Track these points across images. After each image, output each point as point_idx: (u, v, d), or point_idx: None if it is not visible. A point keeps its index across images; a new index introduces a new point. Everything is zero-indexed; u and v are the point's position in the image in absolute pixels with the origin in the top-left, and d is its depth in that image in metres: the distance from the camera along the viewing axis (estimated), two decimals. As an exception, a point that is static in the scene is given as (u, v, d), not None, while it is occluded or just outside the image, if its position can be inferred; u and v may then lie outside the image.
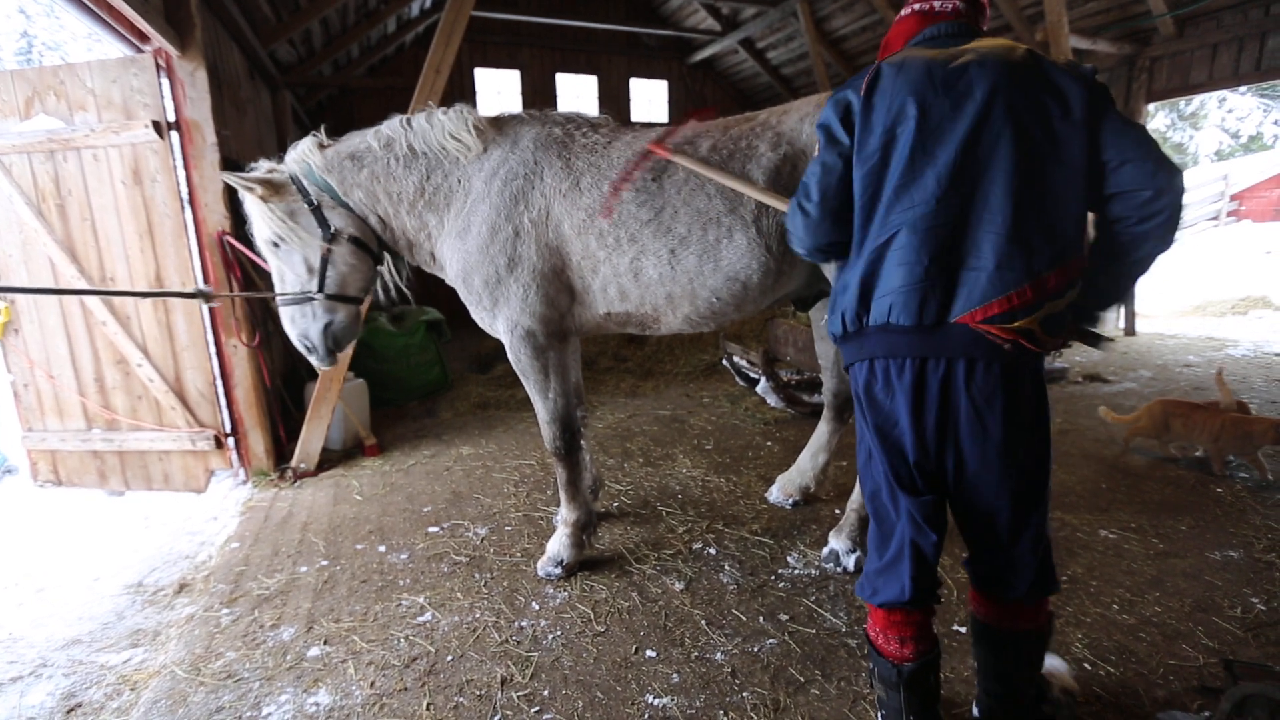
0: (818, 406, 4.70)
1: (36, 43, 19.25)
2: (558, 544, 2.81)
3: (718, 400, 5.28)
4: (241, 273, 3.76)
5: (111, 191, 3.60)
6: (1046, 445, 1.56)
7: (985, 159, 1.43)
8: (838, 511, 3.27)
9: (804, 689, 2.12)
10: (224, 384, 3.86)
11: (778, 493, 3.42)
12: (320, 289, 2.60)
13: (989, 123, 1.43)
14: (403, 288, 2.93)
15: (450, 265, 2.63)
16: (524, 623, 2.49)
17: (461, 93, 9.24)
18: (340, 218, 2.63)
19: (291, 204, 2.58)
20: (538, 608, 2.59)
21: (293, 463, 3.97)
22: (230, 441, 3.93)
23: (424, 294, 7.46)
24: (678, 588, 2.69)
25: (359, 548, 3.11)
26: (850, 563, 2.75)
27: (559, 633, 2.43)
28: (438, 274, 2.81)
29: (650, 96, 10.83)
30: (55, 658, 2.55)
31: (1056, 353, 1.52)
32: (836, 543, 2.81)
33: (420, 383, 5.56)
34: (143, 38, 3.41)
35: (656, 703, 2.08)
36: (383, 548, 3.10)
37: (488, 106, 9.36)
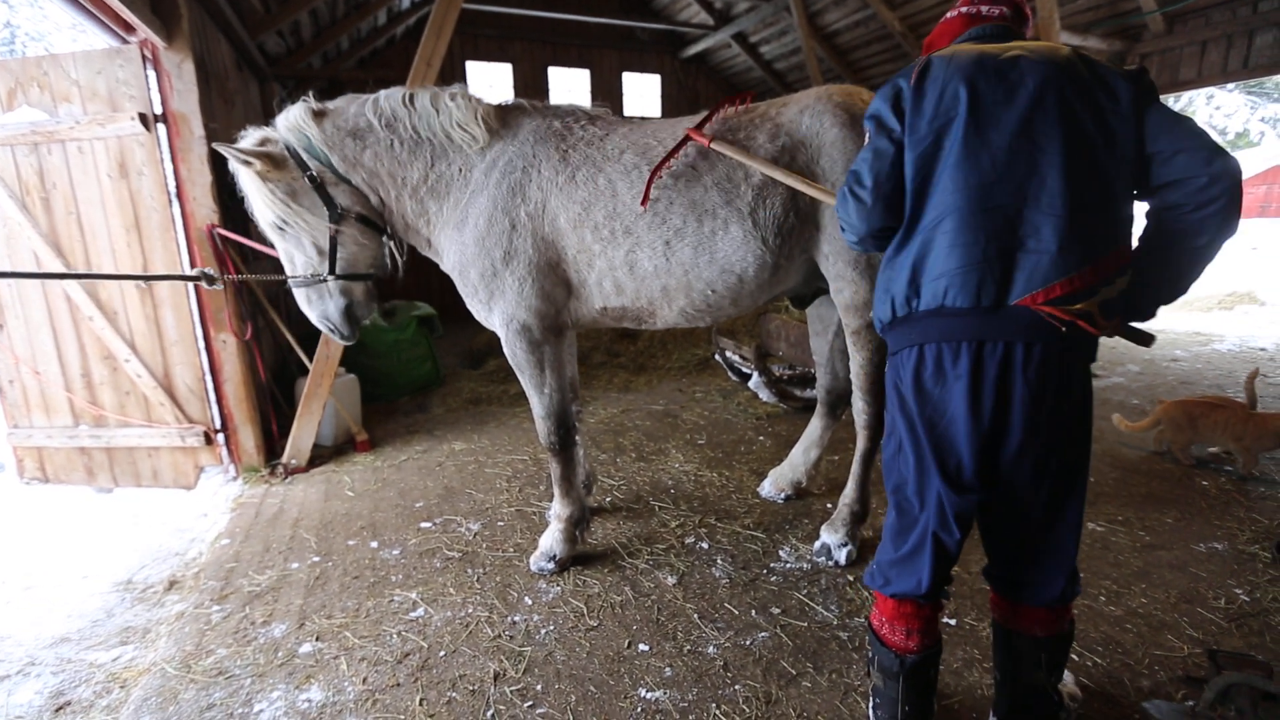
0: (810, 401, 4.72)
1: (20, 33, 18.94)
2: (550, 539, 2.81)
3: (710, 395, 5.29)
4: (233, 266, 3.72)
5: (97, 185, 3.55)
6: (1089, 436, 1.57)
7: (1040, 144, 1.44)
8: (829, 506, 3.29)
9: (796, 681, 2.14)
10: (213, 379, 3.83)
11: (770, 487, 3.43)
12: (332, 271, 2.55)
13: (1042, 109, 1.44)
14: (399, 260, 2.80)
15: (447, 256, 2.61)
16: (517, 618, 2.50)
17: (453, 86, 9.14)
18: (345, 195, 2.54)
19: (292, 182, 2.48)
20: (530, 603, 2.59)
21: (284, 459, 3.94)
22: (220, 437, 3.90)
23: (417, 289, 7.47)
24: (670, 582, 2.70)
25: (351, 543, 3.10)
26: (842, 556, 2.76)
27: (552, 627, 2.44)
28: (433, 258, 2.76)
29: (643, 91, 10.79)
30: (43, 656, 2.53)
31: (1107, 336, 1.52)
32: (828, 537, 2.83)
33: (412, 378, 5.53)
34: (128, 28, 3.36)
35: (649, 696, 2.09)
36: (375, 543, 3.09)
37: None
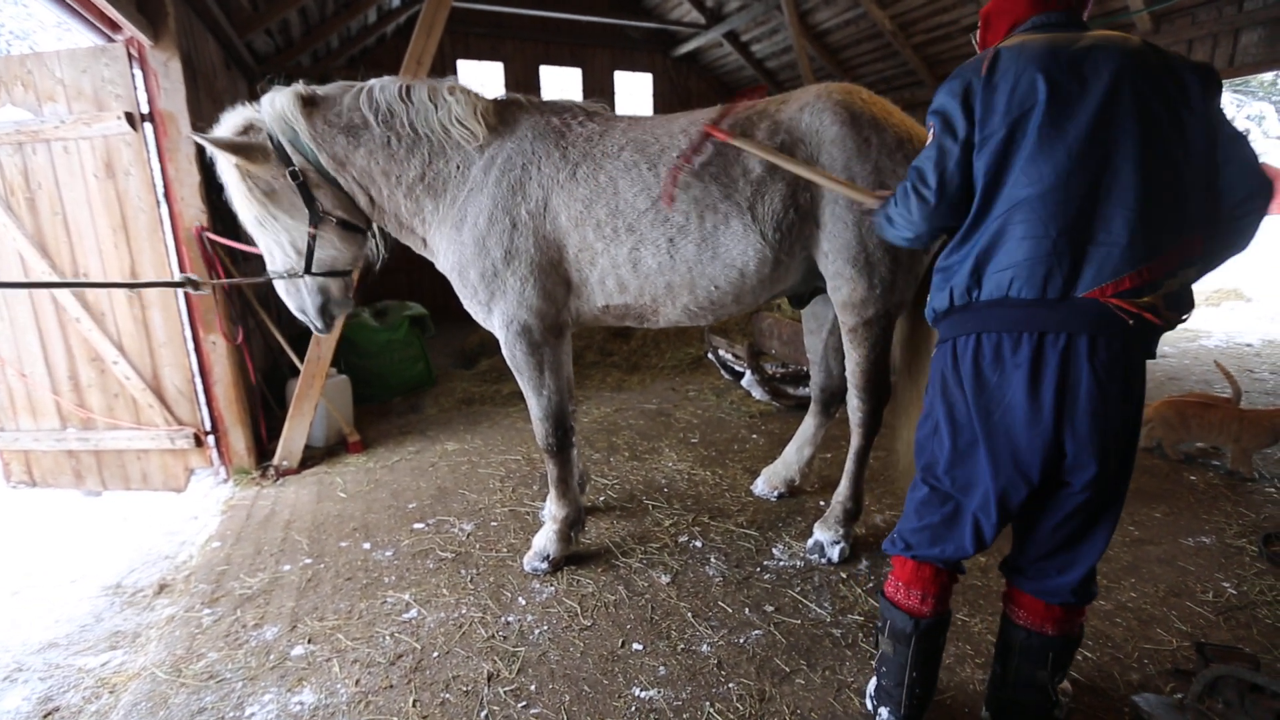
0: (803, 399, 4.73)
1: (3, 31, 18.70)
2: (544, 539, 2.81)
3: (703, 394, 5.29)
4: (222, 268, 3.69)
5: (83, 185, 3.51)
6: (1138, 432, 1.59)
7: (1115, 137, 1.44)
8: (823, 504, 3.30)
9: (789, 679, 2.15)
10: (203, 381, 3.80)
11: (763, 485, 3.44)
12: (308, 270, 2.50)
13: (1117, 102, 1.43)
14: (382, 255, 2.78)
15: (445, 257, 2.55)
16: (510, 618, 2.49)
17: (444, 85, 9.10)
18: (328, 197, 2.46)
19: (272, 180, 2.38)
20: (524, 603, 2.59)
21: (275, 460, 3.92)
22: (210, 439, 3.86)
23: (408, 289, 7.45)
24: (664, 581, 2.70)
25: (343, 545, 3.08)
26: (835, 554, 2.77)
27: (545, 627, 2.43)
28: (426, 255, 2.71)
29: (634, 89, 10.79)
30: (31, 661, 2.50)
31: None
32: (822, 534, 2.84)
33: (404, 378, 5.51)
34: (114, 27, 3.32)
35: (643, 695, 2.09)
36: (367, 545, 3.07)
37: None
